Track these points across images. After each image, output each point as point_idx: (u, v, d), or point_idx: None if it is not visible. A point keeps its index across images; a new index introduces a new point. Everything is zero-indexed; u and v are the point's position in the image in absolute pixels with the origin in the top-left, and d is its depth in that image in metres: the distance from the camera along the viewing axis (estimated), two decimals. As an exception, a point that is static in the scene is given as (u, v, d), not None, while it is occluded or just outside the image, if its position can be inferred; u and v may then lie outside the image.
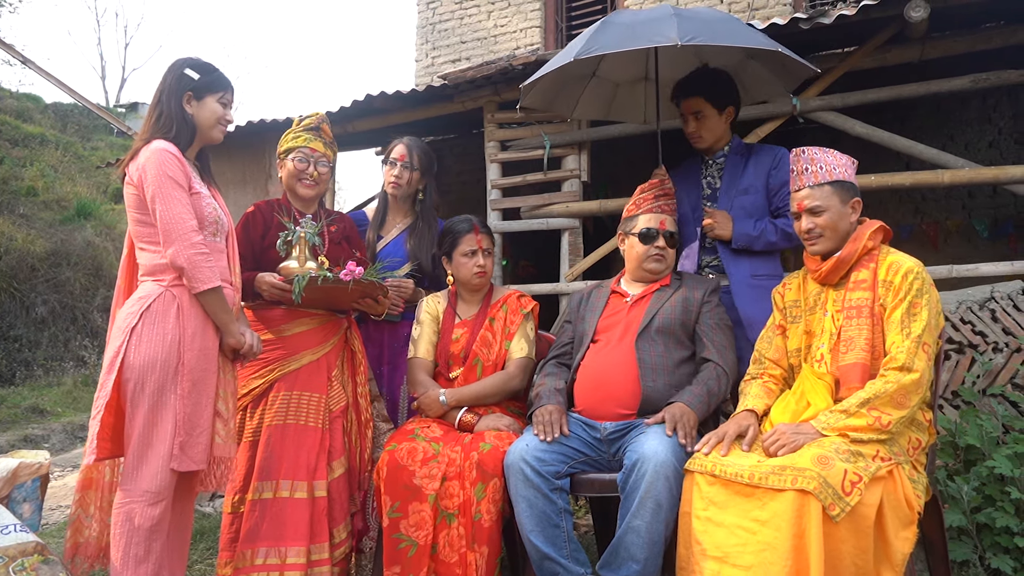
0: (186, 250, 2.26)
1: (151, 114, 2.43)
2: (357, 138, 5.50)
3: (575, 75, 3.26)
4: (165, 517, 2.25)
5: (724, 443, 2.17)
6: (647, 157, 5.92)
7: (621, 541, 2.25)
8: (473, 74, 4.74)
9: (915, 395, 2.08)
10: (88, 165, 13.45)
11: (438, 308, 2.94)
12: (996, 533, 2.62)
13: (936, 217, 5.89)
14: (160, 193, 2.27)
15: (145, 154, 2.32)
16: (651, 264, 2.73)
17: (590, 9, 7.40)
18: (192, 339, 2.29)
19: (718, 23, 2.65)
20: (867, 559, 1.90)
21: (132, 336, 2.25)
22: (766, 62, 3.02)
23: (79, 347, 9.61)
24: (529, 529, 2.36)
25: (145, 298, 2.30)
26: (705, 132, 2.94)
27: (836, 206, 2.28)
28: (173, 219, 2.26)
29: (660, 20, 2.62)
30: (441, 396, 2.69)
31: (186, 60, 2.47)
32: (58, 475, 5.62)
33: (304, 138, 2.83)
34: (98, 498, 2.46)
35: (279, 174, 2.90)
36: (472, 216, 3.01)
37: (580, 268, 4.81)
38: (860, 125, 4.19)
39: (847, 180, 2.31)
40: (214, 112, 2.47)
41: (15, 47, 13.28)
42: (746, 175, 2.92)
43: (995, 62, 4.03)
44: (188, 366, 2.27)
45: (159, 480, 2.22)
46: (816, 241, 2.31)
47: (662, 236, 2.73)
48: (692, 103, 2.92)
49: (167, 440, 2.23)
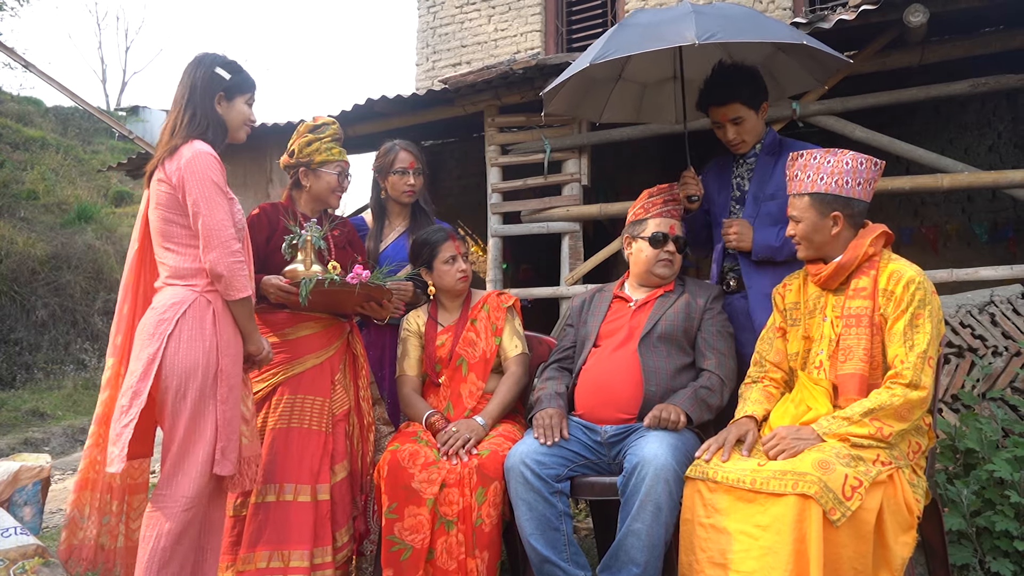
0: (227, 257, 2.24)
1: (182, 112, 2.37)
2: (357, 142, 5.52)
3: (600, 79, 3.17)
4: (195, 523, 2.24)
5: (725, 449, 2.17)
6: (648, 161, 5.96)
7: (621, 544, 2.25)
8: (474, 78, 4.76)
9: (919, 410, 2.08)
10: (89, 169, 13.48)
11: (418, 323, 2.96)
12: (996, 537, 2.62)
13: (936, 221, 5.90)
14: (204, 198, 2.24)
15: (188, 154, 2.28)
16: (660, 269, 2.71)
17: (591, 13, 7.42)
18: (227, 345, 2.29)
19: (740, 19, 2.54)
20: (866, 564, 1.91)
21: (170, 342, 2.22)
22: (795, 55, 2.89)
23: (79, 350, 9.63)
24: (529, 532, 2.36)
25: (179, 304, 2.27)
26: (748, 136, 2.80)
27: (812, 218, 2.26)
28: (216, 226, 2.24)
29: (679, 19, 2.51)
30: (479, 420, 2.67)
31: (215, 57, 2.43)
32: (58, 478, 5.62)
33: (338, 151, 2.84)
34: (95, 499, 2.43)
35: (304, 182, 2.84)
36: (444, 224, 3.07)
37: (580, 272, 4.82)
38: (860, 129, 4.20)
39: (831, 193, 2.24)
40: (242, 113, 2.46)
41: (16, 50, 13.29)
42: (774, 178, 2.76)
43: (994, 66, 4.05)
44: (225, 372, 2.27)
45: (197, 486, 2.21)
46: (797, 246, 2.34)
47: (672, 241, 2.72)
48: (729, 110, 2.75)
49: (208, 445, 2.22)
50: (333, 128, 2.86)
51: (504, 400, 2.76)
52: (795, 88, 3.17)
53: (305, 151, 2.81)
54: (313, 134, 2.83)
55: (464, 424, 2.63)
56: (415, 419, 2.79)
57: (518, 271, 6.90)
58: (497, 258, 5.13)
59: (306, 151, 2.81)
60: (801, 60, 2.91)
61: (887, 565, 1.95)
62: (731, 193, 2.89)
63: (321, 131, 2.84)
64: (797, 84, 3.10)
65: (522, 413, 2.88)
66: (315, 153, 2.80)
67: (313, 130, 2.84)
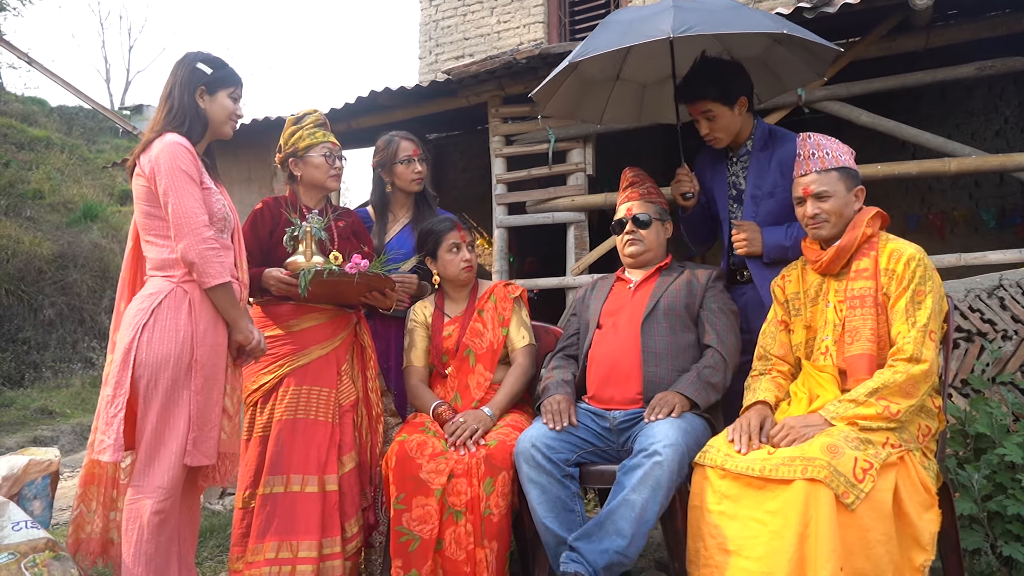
0: (197, 244, 2.25)
1: (162, 107, 2.41)
2: (360, 135, 5.51)
3: (598, 80, 3.15)
4: (173, 512, 2.25)
5: (753, 437, 2.13)
6: (652, 149, 5.93)
7: (611, 513, 2.20)
8: (477, 69, 4.74)
9: (924, 384, 2.07)
10: (94, 167, 13.51)
11: (425, 313, 2.96)
12: (1007, 521, 2.60)
13: (943, 207, 5.86)
14: (173, 186, 2.26)
15: (158, 146, 2.30)
16: (628, 248, 2.76)
17: (593, 3, 7.39)
18: (204, 335, 2.29)
19: (721, 12, 2.52)
20: (893, 544, 1.89)
21: (143, 332, 2.25)
22: (790, 47, 2.84)
23: (87, 348, 9.66)
24: (543, 515, 2.34)
25: (156, 294, 2.29)
26: (720, 132, 2.74)
27: (842, 192, 2.28)
28: (185, 213, 2.25)
29: (658, 14, 2.50)
30: (487, 410, 2.67)
31: (197, 54, 2.46)
32: (67, 476, 5.64)
33: (321, 133, 2.87)
34: (100, 493, 2.45)
35: (296, 172, 2.89)
36: (450, 214, 3.08)
37: (586, 262, 4.81)
38: (865, 114, 4.18)
39: (852, 168, 2.31)
40: (225, 107, 2.47)
41: (19, 48, 13.32)
42: (771, 174, 2.70)
43: (1001, 50, 4.01)
44: (200, 362, 2.27)
45: (170, 476, 2.22)
46: (821, 225, 2.30)
47: (630, 222, 2.76)
48: (700, 105, 2.71)
49: (180, 436, 2.23)
50: (314, 115, 2.92)
51: (511, 391, 2.76)
52: (795, 82, 3.13)
53: (290, 142, 2.87)
54: (296, 125, 2.89)
55: (471, 415, 2.63)
56: (422, 410, 2.79)
57: (523, 263, 6.89)
58: (503, 249, 5.12)
59: (291, 141, 2.87)
60: (796, 53, 2.85)
61: (917, 543, 1.94)
62: (728, 192, 2.86)
63: (302, 120, 2.90)
64: (797, 78, 3.05)
65: (529, 403, 2.87)
66: (299, 141, 2.85)
67: (295, 122, 2.91)
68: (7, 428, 7.33)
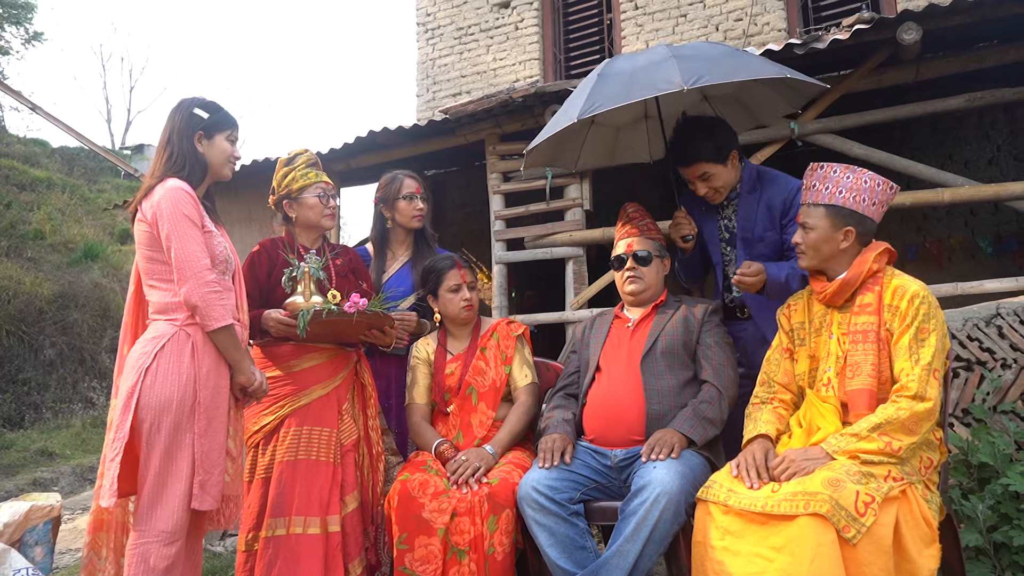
0: (200, 288, 2.27)
1: (161, 153, 2.45)
2: (359, 174, 5.57)
3: (574, 129, 3.08)
4: (180, 557, 2.24)
5: (761, 472, 2.11)
6: (649, 184, 5.98)
7: (606, 563, 2.22)
8: (474, 107, 4.81)
9: (927, 422, 2.07)
10: (95, 207, 13.57)
11: (428, 350, 2.97)
12: (1014, 552, 2.59)
13: (939, 235, 5.90)
14: (175, 231, 2.29)
15: (160, 192, 2.34)
16: (628, 286, 2.78)
17: (588, 41, 7.50)
18: (207, 377, 2.30)
19: (722, 58, 2.54)
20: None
21: (147, 376, 2.26)
22: (770, 84, 2.84)
23: (87, 389, 9.62)
24: (556, 557, 2.33)
25: (159, 337, 2.31)
26: (721, 189, 2.77)
27: (824, 229, 2.28)
28: (188, 257, 2.28)
29: (660, 64, 2.48)
30: (489, 448, 2.67)
31: (193, 100, 2.51)
32: (68, 518, 5.59)
33: (314, 174, 2.90)
34: (111, 539, 2.43)
35: (291, 214, 2.91)
36: (452, 253, 3.10)
37: (585, 296, 4.83)
38: (858, 146, 4.23)
39: (847, 207, 2.27)
40: (224, 150, 2.51)
41: (23, 93, 13.48)
42: (759, 219, 2.75)
43: (990, 80, 4.07)
44: (204, 404, 2.28)
45: (175, 520, 2.21)
46: (800, 255, 2.35)
47: (630, 258, 2.78)
48: (696, 169, 2.73)
49: (184, 480, 2.22)
50: (305, 155, 2.94)
51: (514, 429, 2.76)
52: (768, 117, 3.15)
53: (283, 184, 2.89)
54: (288, 167, 2.92)
55: (474, 453, 2.63)
56: (425, 448, 2.78)
57: (523, 297, 6.91)
58: (502, 285, 5.14)
59: (284, 183, 2.89)
60: (776, 88, 2.88)
61: None
62: (720, 235, 2.89)
63: (293, 162, 2.92)
64: (770, 112, 3.07)
65: (532, 441, 2.86)
66: (292, 183, 2.88)
67: (287, 163, 2.93)
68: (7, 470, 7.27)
